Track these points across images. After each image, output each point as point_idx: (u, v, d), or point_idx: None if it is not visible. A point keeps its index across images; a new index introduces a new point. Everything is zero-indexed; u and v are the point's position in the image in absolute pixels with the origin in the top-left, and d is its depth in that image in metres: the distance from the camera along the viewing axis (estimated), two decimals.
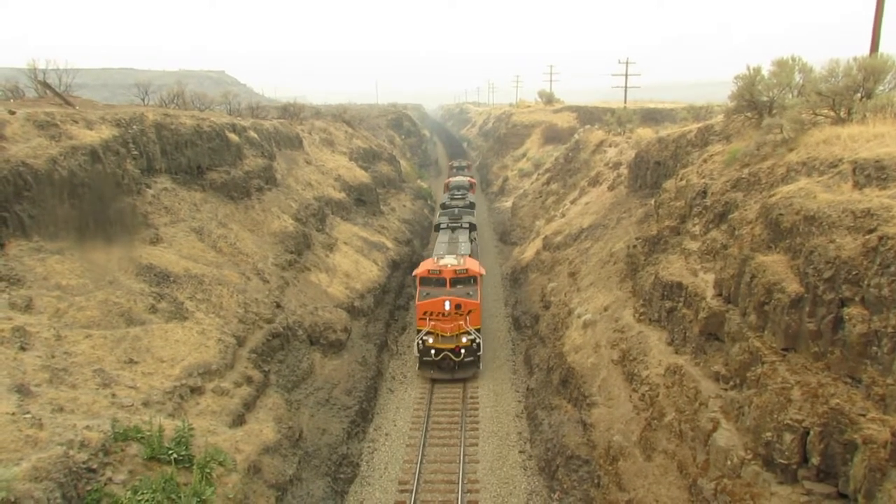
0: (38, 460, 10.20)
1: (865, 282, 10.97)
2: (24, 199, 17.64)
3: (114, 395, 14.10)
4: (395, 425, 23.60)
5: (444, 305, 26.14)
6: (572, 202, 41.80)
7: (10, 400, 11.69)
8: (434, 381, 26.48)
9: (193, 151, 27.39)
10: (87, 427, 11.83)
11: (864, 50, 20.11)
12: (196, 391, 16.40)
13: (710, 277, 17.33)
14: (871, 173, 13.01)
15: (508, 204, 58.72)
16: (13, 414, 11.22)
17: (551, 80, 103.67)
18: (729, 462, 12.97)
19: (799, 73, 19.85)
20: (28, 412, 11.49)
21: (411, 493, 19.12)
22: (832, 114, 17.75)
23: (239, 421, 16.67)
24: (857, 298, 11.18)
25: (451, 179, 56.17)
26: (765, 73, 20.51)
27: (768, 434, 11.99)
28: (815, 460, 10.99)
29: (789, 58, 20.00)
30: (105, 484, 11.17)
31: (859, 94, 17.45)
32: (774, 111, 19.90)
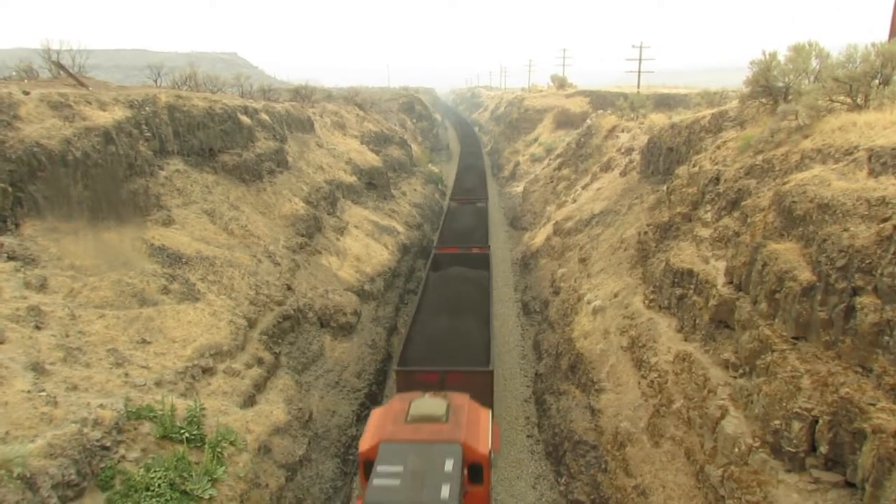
0: (53, 437, 10.39)
1: (879, 271, 10.89)
2: (38, 179, 17.79)
3: (127, 375, 14.29)
4: None
5: None
6: (584, 188, 41.59)
7: (25, 378, 11.87)
8: None
9: (205, 133, 27.45)
10: (101, 405, 12.01)
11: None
12: (208, 372, 16.58)
13: (722, 265, 17.25)
14: (887, 161, 12.86)
15: (519, 189, 58.53)
16: (29, 392, 11.40)
17: (564, 65, 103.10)
18: (736, 449, 12.98)
19: (815, 59, 19.58)
20: (43, 390, 11.67)
21: None
22: (849, 100, 17.51)
23: (250, 402, 16.85)
24: (869, 287, 11.10)
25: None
26: (781, 58, 20.25)
27: (777, 422, 11.98)
28: (823, 449, 10.98)
29: (806, 43, 19.72)
30: (118, 461, 11.38)
31: (877, 81, 17.20)
32: (790, 97, 19.67)
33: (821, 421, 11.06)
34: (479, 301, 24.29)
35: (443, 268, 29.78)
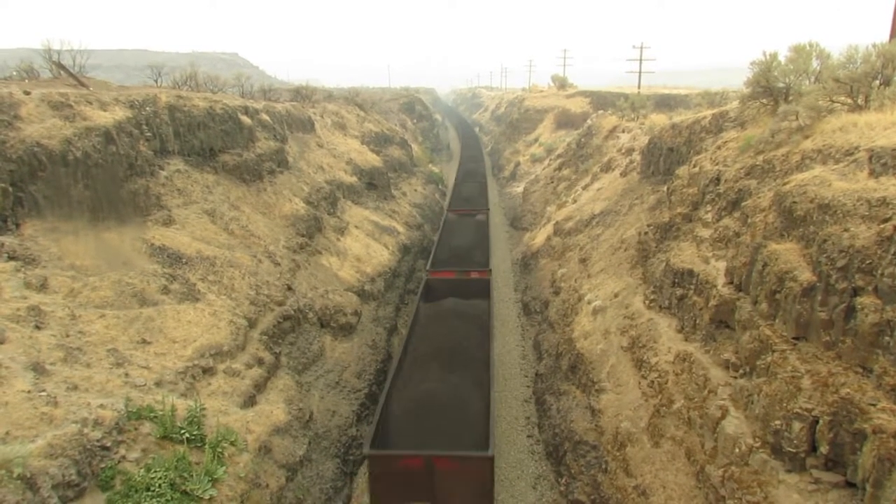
0: (53, 437, 10.37)
1: (879, 271, 10.88)
2: (38, 179, 17.78)
3: (127, 375, 14.27)
4: None
5: None
6: (584, 188, 41.59)
7: (25, 378, 11.87)
8: None
9: (206, 134, 27.45)
10: (101, 406, 12.00)
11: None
12: (208, 372, 16.57)
13: (722, 265, 17.25)
14: (887, 161, 12.85)
15: (520, 189, 58.55)
16: (29, 392, 11.40)
17: (564, 65, 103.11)
18: (737, 449, 12.98)
19: (816, 60, 19.58)
20: (43, 390, 11.66)
21: None
22: (849, 101, 17.51)
23: (250, 402, 16.84)
24: (869, 288, 11.10)
25: None
26: (781, 59, 20.25)
27: (777, 422, 11.98)
28: (823, 449, 10.98)
29: (807, 43, 19.72)
30: (119, 462, 11.36)
31: (878, 81, 17.20)
32: (790, 98, 19.66)
33: (821, 421, 11.05)
34: (477, 348, 20.63)
35: (436, 297, 26.31)
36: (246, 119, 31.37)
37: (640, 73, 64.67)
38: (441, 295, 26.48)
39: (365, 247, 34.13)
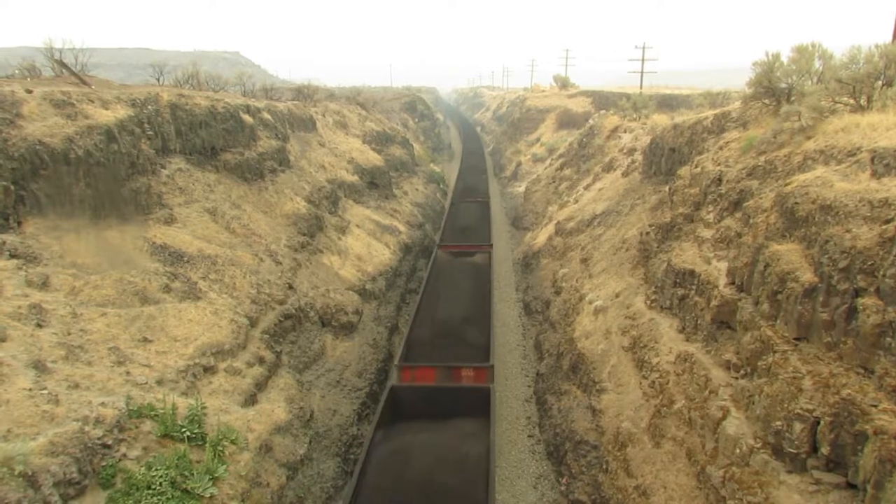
0: (54, 435, 10.40)
1: (881, 272, 10.87)
2: (40, 177, 17.82)
3: (128, 373, 14.29)
4: None
5: None
6: (586, 188, 41.56)
7: (27, 376, 11.89)
8: None
9: (208, 132, 27.47)
10: (103, 404, 12.02)
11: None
12: (209, 370, 16.58)
13: (724, 266, 17.24)
14: (889, 162, 12.84)
15: (521, 189, 58.51)
16: (30, 390, 11.42)
17: (567, 65, 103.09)
18: (738, 450, 12.97)
19: (819, 60, 19.54)
20: (45, 388, 11.68)
21: None
22: (852, 102, 17.48)
23: (251, 400, 16.85)
24: (871, 289, 11.09)
25: None
26: (784, 59, 20.22)
27: (778, 423, 11.97)
28: (824, 450, 10.97)
29: (809, 44, 19.69)
30: (120, 460, 11.38)
31: (880, 82, 17.17)
32: (793, 98, 19.63)
33: (822, 422, 11.04)
34: None
35: (404, 415, 16.92)
36: (248, 118, 31.39)
37: (642, 73, 64.60)
38: (412, 412, 17.03)
39: (366, 246, 34.14)
